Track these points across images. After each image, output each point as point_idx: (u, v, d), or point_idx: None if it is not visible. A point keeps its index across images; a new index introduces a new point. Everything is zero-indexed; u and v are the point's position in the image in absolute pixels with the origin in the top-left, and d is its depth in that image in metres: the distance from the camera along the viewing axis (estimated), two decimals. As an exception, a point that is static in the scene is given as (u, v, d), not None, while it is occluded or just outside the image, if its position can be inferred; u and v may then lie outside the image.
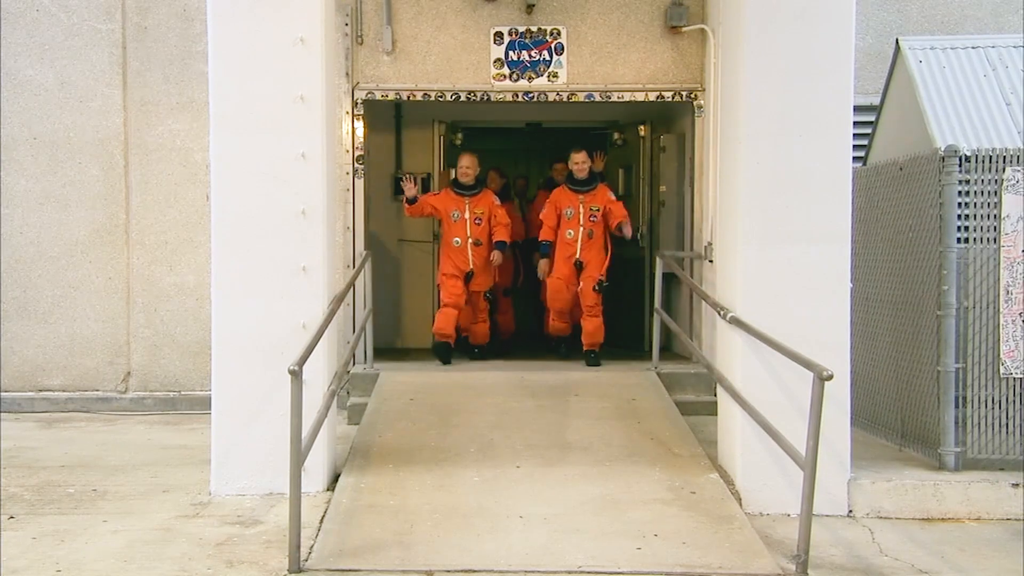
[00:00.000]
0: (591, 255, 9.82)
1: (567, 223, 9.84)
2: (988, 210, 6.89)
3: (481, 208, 9.87)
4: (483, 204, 9.90)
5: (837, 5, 6.60)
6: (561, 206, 9.85)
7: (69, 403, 9.91)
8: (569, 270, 9.84)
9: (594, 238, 9.79)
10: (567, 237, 9.83)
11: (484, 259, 9.90)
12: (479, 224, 9.84)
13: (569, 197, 9.82)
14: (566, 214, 9.80)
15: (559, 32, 8.93)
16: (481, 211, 9.86)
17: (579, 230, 9.78)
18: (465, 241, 9.79)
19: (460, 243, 9.80)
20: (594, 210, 9.74)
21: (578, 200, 9.77)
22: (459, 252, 9.81)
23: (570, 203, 9.79)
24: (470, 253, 9.80)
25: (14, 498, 6.76)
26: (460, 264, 9.82)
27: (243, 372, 6.66)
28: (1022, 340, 6.90)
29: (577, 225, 9.78)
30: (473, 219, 9.81)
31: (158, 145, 9.95)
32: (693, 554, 5.59)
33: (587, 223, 9.75)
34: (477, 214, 9.83)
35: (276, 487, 6.42)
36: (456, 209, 9.81)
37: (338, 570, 5.39)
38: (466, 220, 9.79)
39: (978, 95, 7.63)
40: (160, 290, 9.97)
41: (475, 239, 9.82)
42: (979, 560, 5.79)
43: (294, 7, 6.74)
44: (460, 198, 9.85)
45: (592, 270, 9.80)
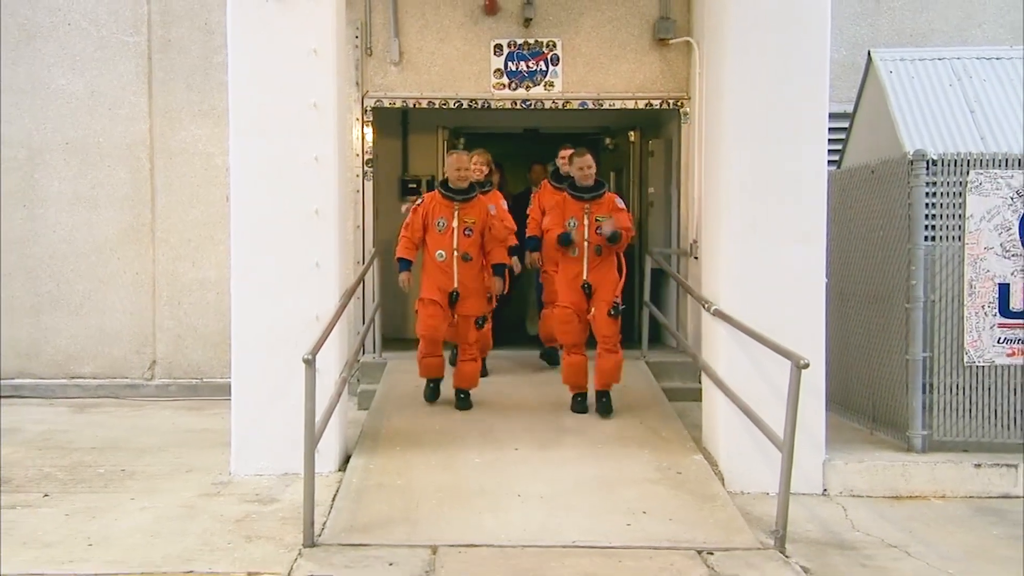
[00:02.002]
0: (601, 275, 7.69)
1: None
2: (953, 210, 6.89)
3: (473, 217, 7.72)
4: (476, 212, 7.76)
5: (813, 20, 6.59)
6: (565, 216, 7.76)
7: (99, 390, 9.91)
8: (577, 295, 7.68)
9: (604, 254, 7.66)
10: (570, 255, 7.74)
11: (474, 278, 7.81)
12: (469, 235, 7.70)
13: (571, 206, 7.75)
14: (569, 226, 7.69)
15: (555, 44, 8.91)
16: (473, 220, 7.71)
17: (584, 246, 7.66)
18: (451, 255, 7.66)
19: (445, 257, 7.65)
20: (601, 221, 7.59)
21: (582, 210, 7.67)
22: (443, 269, 7.66)
23: (573, 212, 7.71)
24: (456, 270, 7.67)
25: (48, 477, 6.76)
26: (443, 284, 7.65)
27: (261, 361, 6.66)
28: (985, 331, 6.90)
29: (582, 240, 7.66)
30: (462, 229, 7.69)
31: (181, 149, 9.95)
32: (679, 530, 5.59)
33: (594, 237, 7.61)
34: (468, 223, 7.70)
35: (291, 467, 6.41)
36: (443, 216, 7.68)
37: (349, 544, 5.39)
38: (454, 230, 7.66)
39: (944, 103, 7.63)
40: (183, 285, 9.97)
41: (463, 253, 7.67)
42: (944, 535, 5.80)
43: (307, 21, 6.72)
44: (448, 203, 7.71)
45: (604, 292, 7.63)
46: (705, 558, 5.24)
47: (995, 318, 6.89)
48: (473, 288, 7.79)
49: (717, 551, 5.31)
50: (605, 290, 7.66)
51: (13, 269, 9.97)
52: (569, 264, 7.76)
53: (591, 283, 7.66)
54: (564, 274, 7.82)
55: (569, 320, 7.69)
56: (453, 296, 7.69)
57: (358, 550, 5.31)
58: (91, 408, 9.34)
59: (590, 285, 7.67)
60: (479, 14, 8.81)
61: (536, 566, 5.03)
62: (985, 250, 6.88)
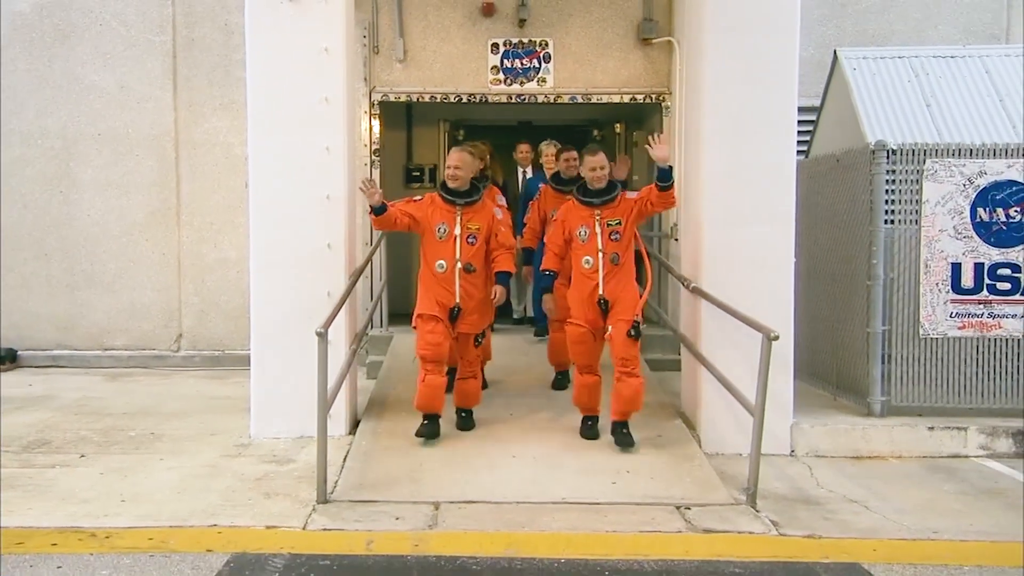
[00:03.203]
0: (619, 288, 6.24)
1: (581, 248, 6.27)
2: (911, 196, 6.89)
3: (478, 223, 6.35)
4: (481, 217, 6.38)
5: (783, 21, 6.57)
6: (571, 225, 6.34)
7: (130, 360, 9.92)
8: (593, 311, 6.24)
9: (620, 264, 6.24)
10: (584, 267, 6.25)
11: (478, 292, 6.40)
12: (473, 244, 6.31)
13: (580, 213, 6.31)
14: (579, 236, 6.26)
15: (547, 43, 8.86)
16: (477, 226, 6.34)
17: (599, 257, 6.21)
18: (452, 266, 6.29)
19: (445, 268, 6.29)
20: (614, 225, 6.23)
21: (593, 216, 6.25)
22: (443, 281, 6.29)
23: (582, 221, 6.26)
24: (458, 283, 6.29)
25: (85, 440, 6.77)
26: (443, 298, 6.29)
27: (277, 334, 6.66)
28: (939, 306, 6.92)
29: (595, 250, 6.21)
30: (466, 236, 6.30)
31: (204, 140, 9.93)
32: (660, 487, 5.61)
33: (609, 245, 6.21)
34: (472, 230, 6.31)
35: (306, 431, 6.42)
36: (443, 222, 6.30)
37: (359, 501, 5.41)
38: (456, 237, 6.28)
39: (903, 98, 7.62)
40: (206, 264, 9.98)
41: (466, 264, 6.30)
42: (899, 491, 5.83)
43: (319, 22, 6.70)
44: (449, 208, 6.32)
45: (623, 308, 6.17)
46: (683, 513, 5.26)
47: (948, 295, 6.90)
48: (476, 303, 6.40)
49: (694, 506, 5.33)
50: (624, 306, 6.20)
51: (51, 250, 9.98)
52: (582, 278, 6.28)
53: (608, 298, 6.20)
54: (578, 290, 6.33)
55: (583, 340, 6.31)
56: (454, 312, 6.32)
57: (367, 506, 5.33)
58: (123, 377, 9.35)
59: (607, 301, 6.20)
60: (477, 15, 8.77)
61: (529, 520, 5.06)
62: (939, 232, 6.89)
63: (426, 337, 6.27)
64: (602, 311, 6.23)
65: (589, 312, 6.27)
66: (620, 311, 6.20)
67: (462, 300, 6.33)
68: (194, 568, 4.44)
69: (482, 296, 6.42)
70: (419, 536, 4.85)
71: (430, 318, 6.29)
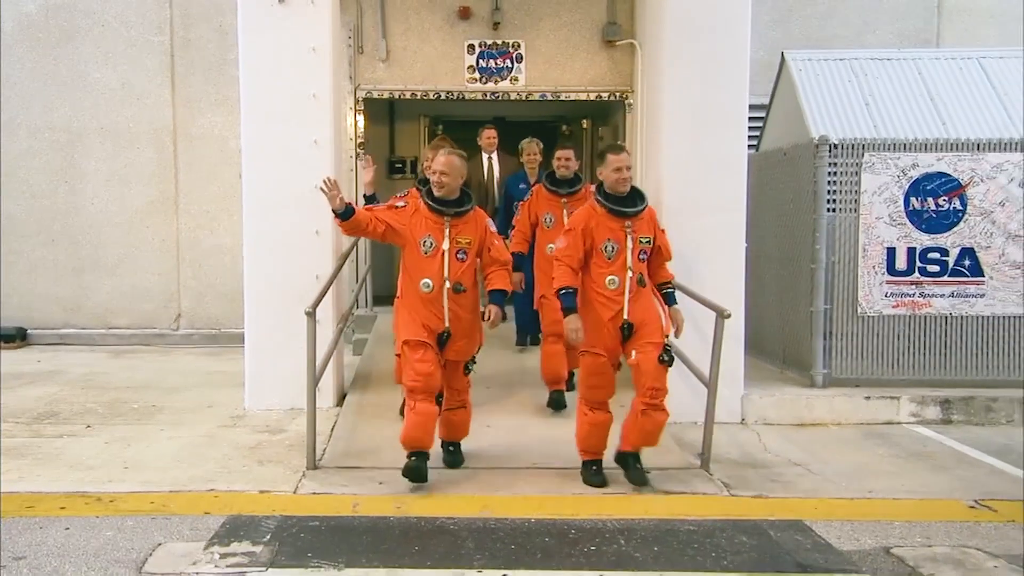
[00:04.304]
0: (644, 309, 5.06)
1: (605, 265, 5.00)
2: (850, 186, 6.93)
3: (468, 236, 5.07)
4: (472, 229, 5.09)
5: (736, 26, 6.59)
6: (597, 237, 5.01)
7: (133, 338, 9.83)
8: (614, 339, 5.02)
9: (645, 285, 5.13)
10: (607, 288, 4.98)
11: (468, 314, 5.13)
12: (463, 260, 5.05)
13: (608, 223, 5.01)
14: (604, 251, 4.98)
15: (519, 45, 8.80)
16: (468, 240, 5.06)
17: (625, 276, 4.97)
18: (440, 286, 5.02)
19: (432, 288, 5.01)
20: (644, 243, 5.05)
21: (623, 228, 5.00)
22: (429, 303, 5.04)
23: (610, 233, 5.00)
24: (446, 305, 5.04)
25: (90, 412, 6.72)
26: (431, 322, 5.04)
27: (269, 313, 6.62)
28: (875, 287, 6.97)
29: (623, 268, 4.98)
30: (455, 251, 5.02)
31: (200, 134, 9.84)
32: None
33: (637, 264, 5.01)
34: (462, 244, 5.04)
35: (296, 403, 6.37)
36: (429, 234, 5.03)
37: (345, 467, 5.41)
38: (444, 253, 5.00)
39: (844, 96, 7.64)
40: (203, 250, 9.90)
41: (455, 283, 5.03)
42: (839, 455, 5.90)
43: (307, 23, 6.65)
44: (436, 218, 5.03)
45: (651, 331, 5.02)
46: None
47: (883, 276, 6.96)
48: (466, 327, 5.13)
49: (653, 470, 5.33)
50: (651, 329, 5.03)
51: (58, 236, 9.86)
52: (603, 300, 5.01)
53: (633, 322, 5.00)
54: (595, 312, 5.01)
55: (603, 372, 5.08)
56: (443, 337, 5.06)
57: (353, 471, 5.33)
58: (126, 354, 9.26)
59: (631, 325, 5.00)
60: (455, 18, 8.70)
61: (503, 484, 5.07)
62: (876, 220, 6.93)
63: (416, 367, 4.98)
64: (622, 336, 5.04)
65: (609, 339, 5.02)
66: (647, 333, 5.01)
67: (452, 324, 5.06)
68: (192, 529, 4.42)
69: (472, 318, 5.16)
70: (401, 499, 4.85)
71: (418, 344, 5.01)
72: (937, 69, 7.75)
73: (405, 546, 4.24)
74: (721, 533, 4.43)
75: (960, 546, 4.34)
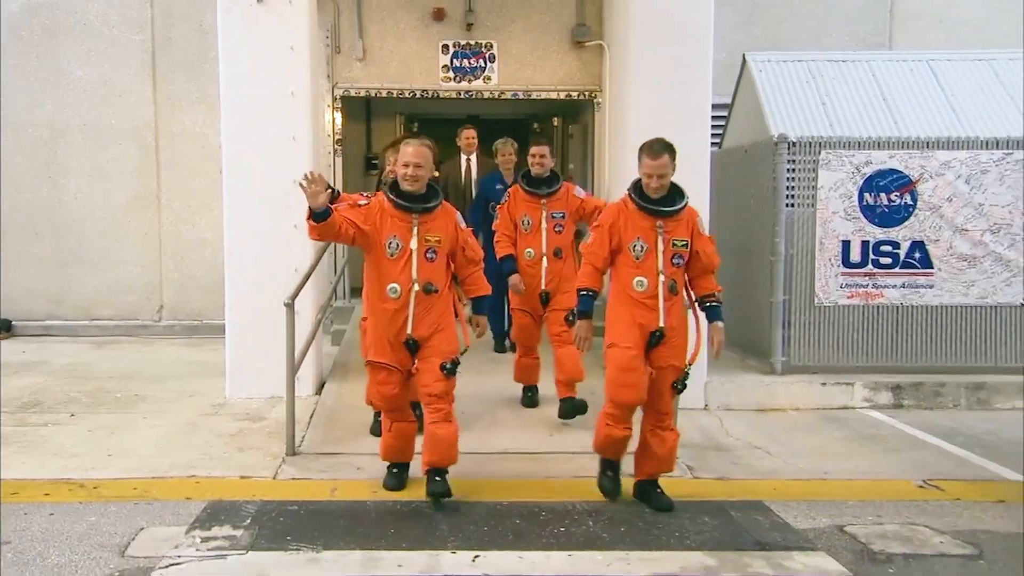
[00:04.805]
0: (675, 325, 4.44)
1: (635, 267, 4.41)
2: (808, 182, 6.98)
3: (438, 234, 4.49)
4: (441, 226, 4.52)
5: (700, 28, 6.61)
6: (625, 236, 4.43)
7: (116, 329, 9.69)
8: (644, 339, 4.40)
9: (678, 294, 4.47)
10: (636, 291, 4.39)
11: (439, 315, 4.51)
12: (432, 260, 4.47)
13: (638, 222, 4.42)
14: (633, 251, 4.39)
15: (492, 45, 8.79)
16: (437, 238, 4.48)
17: (658, 280, 4.37)
18: (408, 291, 4.42)
19: (399, 294, 4.41)
20: (678, 246, 4.42)
21: (654, 229, 4.40)
22: (397, 310, 4.44)
23: (639, 232, 4.40)
24: (412, 310, 4.44)
25: (74, 401, 6.64)
26: (394, 332, 4.46)
27: (249, 305, 6.56)
28: (831, 279, 7.04)
29: (653, 271, 4.38)
30: (424, 251, 4.43)
31: (181, 131, 9.72)
32: (590, 438, 5.54)
33: (669, 268, 4.40)
34: (431, 243, 4.46)
35: (276, 392, 6.29)
36: (395, 234, 4.42)
37: (324, 453, 5.38)
38: (411, 253, 4.42)
39: (802, 97, 7.69)
40: (185, 243, 9.79)
41: (424, 284, 4.43)
42: (796, 438, 5.96)
43: (286, 23, 6.58)
44: (403, 216, 4.43)
45: (673, 352, 4.45)
46: (610, 460, 5.31)
47: (839, 268, 7.02)
48: (439, 328, 4.52)
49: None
50: (676, 350, 4.46)
51: (42, 231, 9.72)
52: (635, 302, 4.40)
53: (666, 329, 4.39)
54: (631, 312, 4.41)
55: (634, 367, 4.36)
56: (412, 345, 4.49)
57: (331, 457, 5.30)
58: (109, 345, 9.15)
59: (663, 332, 4.39)
60: (429, 20, 8.66)
61: (477, 468, 5.05)
62: (832, 214, 6.99)
63: (379, 389, 4.64)
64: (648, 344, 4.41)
65: (640, 339, 4.39)
66: (670, 353, 4.42)
67: (416, 327, 4.45)
68: (174, 514, 4.38)
69: (443, 313, 4.53)
70: (377, 483, 4.82)
71: (379, 367, 4.55)
72: (889, 71, 7.82)
73: (381, 529, 4.23)
74: (685, 514, 4.45)
75: (909, 523, 4.40)
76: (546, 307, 5.93)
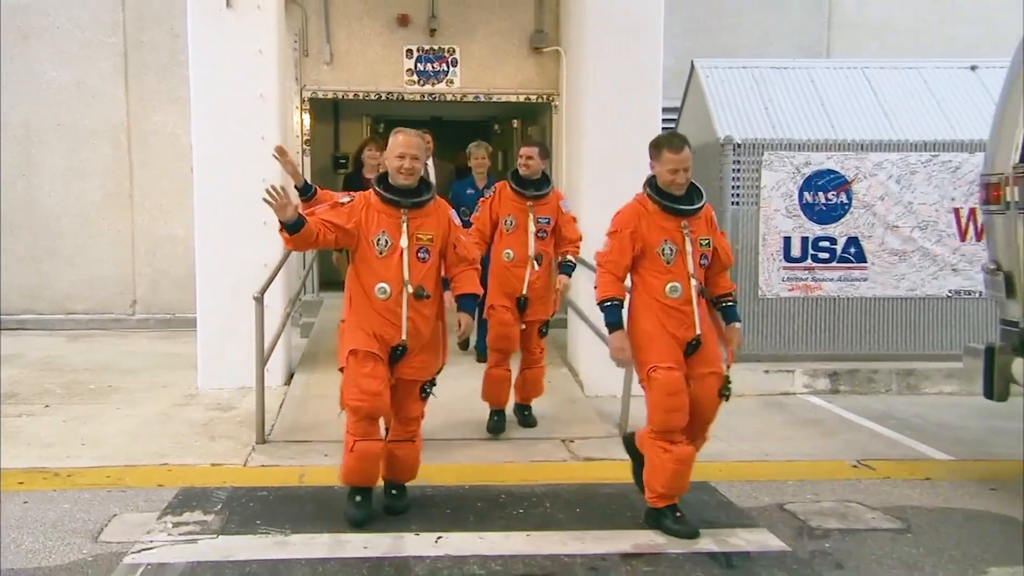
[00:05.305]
0: (709, 327, 4.01)
1: (663, 271, 3.92)
2: (752, 182, 7.07)
3: (430, 230, 3.98)
4: (434, 222, 4.01)
5: (650, 36, 6.65)
6: (650, 239, 3.93)
7: (90, 323, 9.50)
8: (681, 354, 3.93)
9: (706, 296, 4.09)
10: (670, 297, 3.90)
11: (429, 325, 4.03)
12: (425, 260, 3.96)
13: (663, 224, 3.94)
14: (663, 255, 3.91)
15: (454, 50, 8.73)
16: (430, 236, 3.97)
17: (689, 283, 3.91)
18: (399, 291, 3.91)
19: (389, 294, 3.90)
20: (703, 245, 3.98)
21: (680, 229, 3.94)
22: (384, 312, 3.92)
23: (666, 234, 3.93)
24: (405, 313, 3.92)
25: (48, 392, 6.50)
26: (385, 331, 3.93)
27: (220, 299, 6.48)
28: (773, 272, 7.12)
29: (684, 275, 3.91)
30: (415, 250, 3.93)
31: (153, 131, 9.54)
32: (550, 424, 5.67)
33: (698, 270, 3.96)
34: (423, 241, 3.95)
35: (247, 383, 6.20)
36: (383, 231, 3.91)
37: (293, 441, 5.34)
38: (402, 251, 3.91)
39: (746, 101, 7.73)
40: (157, 240, 9.61)
41: (417, 288, 3.92)
42: (741, 422, 5.99)
43: (255, 28, 6.52)
44: (391, 211, 3.93)
45: (710, 358, 3.97)
46: (567, 445, 5.35)
47: (781, 263, 7.12)
48: (427, 340, 4.04)
49: (576, 439, 5.42)
50: (712, 354, 3.97)
51: (17, 228, 9.50)
52: (669, 311, 3.90)
53: (702, 337, 3.94)
54: (664, 323, 3.91)
55: (681, 388, 3.86)
56: (397, 351, 3.97)
57: (300, 445, 5.26)
58: (83, 338, 8.97)
59: (699, 341, 3.93)
60: (394, 25, 8.58)
61: (439, 453, 5.04)
62: (774, 212, 7.08)
63: (362, 383, 3.86)
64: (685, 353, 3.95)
65: (677, 351, 3.92)
66: (707, 359, 3.95)
67: (410, 337, 3.93)
68: (147, 501, 4.31)
69: (434, 329, 4.05)
70: (345, 469, 4.78)
71: (367, 356, 3.88)
72: (827, 78, 7.91)
73: (348, 512, 4.19)
74: (637, 494, 4.45)
75: (844, 501, 4.48)
76: (521, 315, 5.39)
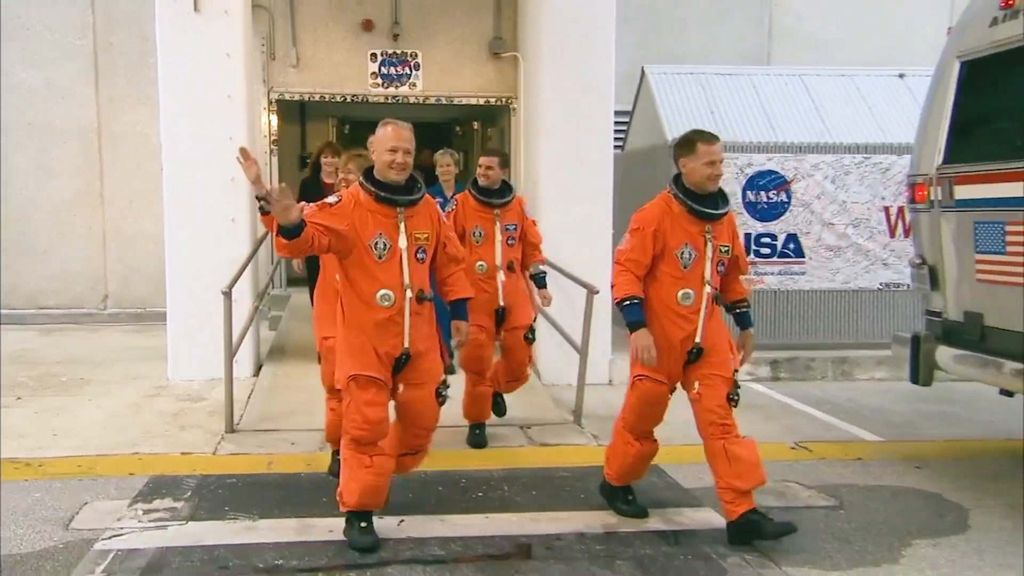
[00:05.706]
0: (716, 335, 3.75)
1: (679, 276, 3.67)
2: (699, 182, 7.12)
3: (425, 229, 3.56)
4: (427, 220, 3.58)
5: (602, 42, 6.70)
6: (672, 241, 3.66)
7: (62, 318, 9.33)
8: (678, 364, 3.77)
9: (720, 303, 3.84)
10: (680, 303, 3.67)
11: (430, 328, 3.65)
12: (422, 260, 3.55)
13: (685, 226, 3.67)
14: (681, 259, 3.64)
15: (417, 54, 8.70)
16: (425, 235, 3.55)
17: (703, 290, 3.67)
18: (402, 297, 3.47)
19: (393, 301, 3.45)
20: (723, 252, 3.72)
21: (703, 234, 3.66)
22: (386, 321, 3.48)
23: (688, 238, 3.65)
24: (408, 320, 3.50)
25: (21, 385, 6.37)
26: (389, 346, 3.49)
27: (190, 294, 6.40)
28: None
29: (700, 281, 3.67)
30: (414, 251, 3.50)
31: (123, 131, 9.40)
32: (509, 411, 5.66)
33: (715, 277, 3.73)
34: (420, 241, 3.53)
35: (216, 374, 6.15)
36: (380, 232, 3.44)
37: (261, 430, 5.30)
38: (401, 252, 3.47)
39: (693, 105, 7.82)
40: (128, 236, 9.47)
41: (418, 292, 3.52)
42: (688, 408, 6.02)
43: (222, 31, 6.44)
44: (387, 211, 3.46)
45: (720, 362, 3.74)
46: (525, 431, 5.38)
47: (726, 258, 7.19)
48: (430, 344, 3.64)
49: (534, 425, 5.45)
50: (721, 358, 3.73)
51: (-12, 224, 9.27)
52: (674, 317, 3.69)
53: (704, 346, 3.71)
54: (666, 331, 3.69)
55: (660, 402, 3.84)
56: (402, 360, 3.54)
57: (268, 434, 5.22)
58: (56, 332, 8.79)
59: (701, 350, 3.72)
60: (359, 30, 8.51)
61: (402, 440, 5.05)
62: (720, 210, 7.15)
63: (365, 412, 3.45)
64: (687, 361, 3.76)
65: (673, 363, 3.74)
66: (715, 363, 3.71)
67: (413, 343, 3.52)
68: (118, 488, 4.25)
69: (432, 331, 3.66)
70: (311, 457, 4.78)
71: (369, 382, 3.46)
72: (768, 84, 8.02)
73: (315, 498, 4.17)
74: (590, 477, 4.50)
75: (782, 480, 4.57)
76: (501, 326, 5.00)
